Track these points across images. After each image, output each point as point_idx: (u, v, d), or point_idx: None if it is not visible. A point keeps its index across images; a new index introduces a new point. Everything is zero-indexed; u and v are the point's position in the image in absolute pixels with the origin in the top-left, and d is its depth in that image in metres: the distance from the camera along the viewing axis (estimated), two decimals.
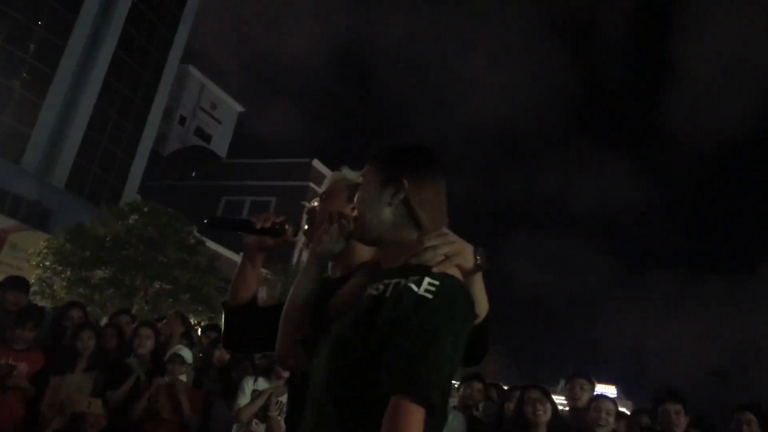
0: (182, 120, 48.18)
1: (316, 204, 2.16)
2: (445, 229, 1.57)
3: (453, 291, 1.44)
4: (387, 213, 1.62)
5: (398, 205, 1.61)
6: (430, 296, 1.40)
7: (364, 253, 1.90)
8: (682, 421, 4.37)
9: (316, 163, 39.12)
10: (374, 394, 1.36)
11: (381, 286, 1.50)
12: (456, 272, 1.51)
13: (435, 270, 1.45)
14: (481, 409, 5.09)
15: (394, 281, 1.48)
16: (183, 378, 4.69)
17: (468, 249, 1.57)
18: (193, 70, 48.09)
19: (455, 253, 1.51)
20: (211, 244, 22.96)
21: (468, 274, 1.56)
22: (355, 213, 1.67)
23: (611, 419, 4.19)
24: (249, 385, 4.65)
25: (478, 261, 1.58)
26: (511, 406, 4.55)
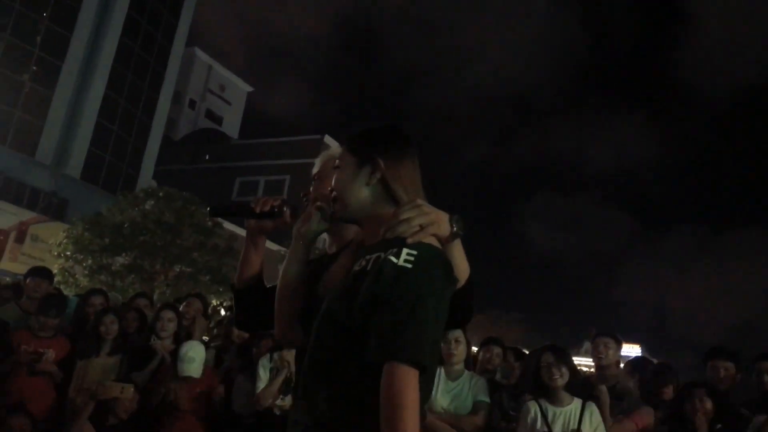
0: (192, 103, 48.25)
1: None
2: (420, 200, 1.62)
3: (431, 258, 1.50)
4: (365, 192, 1.69)
5: (376, 184, 1.68)
6: (409, 266, 1.47)
7: (356, 228, 1.96)
8: (731, 378, 4.43)
9: (328, 139, 39.08)
10: (363, 365, 1.43)
11: (363, 262, 1.57)
12: (433, 240, 1.57)
13: (411, 241, 1.51)
14: (499, 373, 5.14)
15: (374, 255, 1.55)
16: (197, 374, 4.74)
17: (443, 217, 1.61)
18: (200, 53, 48.02)
19: (430, 223, 1.56)
20: (229, 226, 23.08)
21: (445, 241, 1.61)
22: (334, 194, 1.74)
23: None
24: (265, 365, 4.73)
25: (454, 228, 1.63)
26: (529, 369, 4.60)
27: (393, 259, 1.48)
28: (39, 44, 28.66)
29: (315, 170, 2.15)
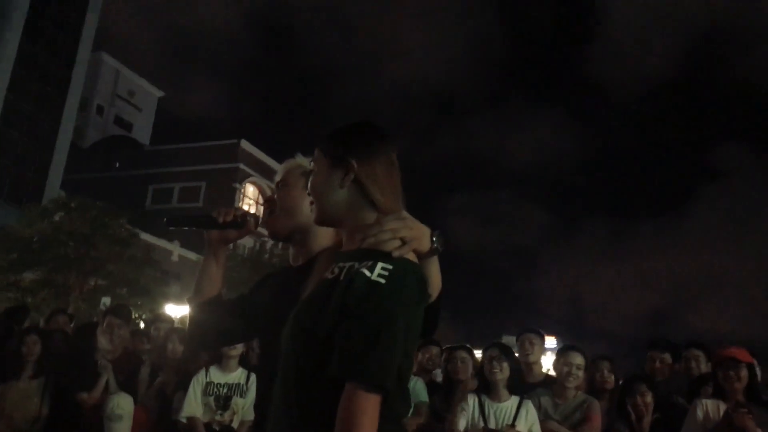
0: (100, 110, 46.57)
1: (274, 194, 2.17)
2: (405, 213, 1.57)
3: (405, 274, 1.45)
4: (340, 195, 1.62)
5: (350, 186, 1.61)
6: (382, 281, 1.41)
7: (325, 238, 1.91)
8: (668, 369, 4.56)
9: (244, 144, 38.44)
10: (327, 377, 1.38)
11: (336, 270, 1.51)
12: (412, 255, 1.52)
13: (394, 254, 1.46)
14: (439, 372, 5.20)
15: (348, 264, 1.49)
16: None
17: (426, 232, 1.58)
18: (107, 57, 46.41)
19: (413, 239, 1.52)
20: (145, 236, 22.42)
21: (424, 257, 1.57)
22: (311, 200, 1.67)
23: (581, 373, 4.29)
24: (200, 379, 4.60)
25: (435, 245, 1.59)
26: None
27: (366, 272, 1.43)
28: None
29: (278, 178, 2.09)
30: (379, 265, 1.44)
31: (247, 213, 2.03)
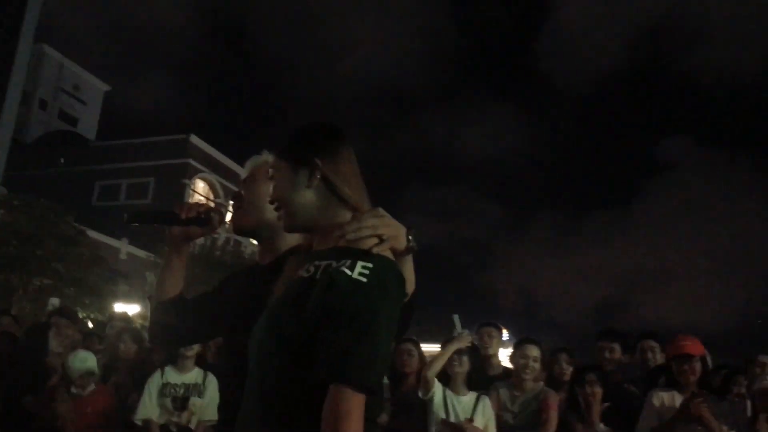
0: (43, 104, 45.16)
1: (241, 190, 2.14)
2: (381, 210, 1.57)
3: (386, 273, 1.45)
4: (309, 196, 1.60)
5: (318, 185, 1.60)
6: (364, 280, 1.41)
7: (292, 236, 1.88)
8: (617, 358, 4.65)
9: (194, 139, 37.76)
10: (309, 378, 1.37)
11: (312, 268, 1.49)
12: (389, 253, 1.52)
13: (373, 251, 1.45)
14: None
15: (324, 263, 1.47)
16: (92, 387, 4.48)
17: (402, 230, 1.58)
18: (50, 50, 45.03)
19: (391, 236, 1.52)
20: (92, 234, 21.87)
21: (400, 255, 1.57)
22: (277, 205, 1.65)
23: (537, 365, 4.35)
24: (156, 380, 4.52)
25: (411, 243, 1.59)
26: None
27: (347, 271, 1.41)
28: None
29: (245, 174, 2.06)
30: (359, 263, 1.42)
31: (211, 209, 1.98)
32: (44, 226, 18.99)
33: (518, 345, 4.49)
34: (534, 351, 4.35)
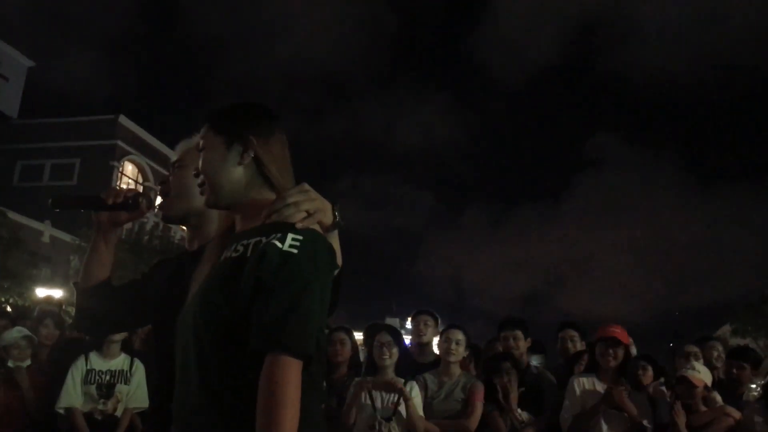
0: None
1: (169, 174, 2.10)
2: (307, 186, 1.57)
3: (316, 244, 1.46)
4: (238, 173, 1.60)
5: (249, 163, 1.60)
6: (295, 251, 1.42)
7: (220, 222, 1.87)
8: (522, 344, 4.76)
9: (123, 119, 36.58)
10: (247, 354, 1.36)
11: (240, 247, 1.49)
12: (317, 227, 1.53)
13: (299, 226, 1.46)
14: None
15: (253, 240, 1.48)
16: (28, 362, 4.36)
17: (328, 206, 1.59)
18: None
19: (317, 210, 1.53)
20: (13, 215, 21.00)
21: (327, 230, 1.59)
22: (202, 179, 1.64)
23: (461, 348, 4.44)
24: (80, 367, 4.40)
25: (337, 218, 1.61)
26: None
27: (278, 243, 1.42)
28: None
29: (174, 158, 2.02)
30: (290, 235, 1.43)
31: (139, 194, 1.95)
32: None
33: (444, 330, 4.57)
34: (459, 335, 4.44)
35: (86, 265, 1.98)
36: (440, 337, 4.54)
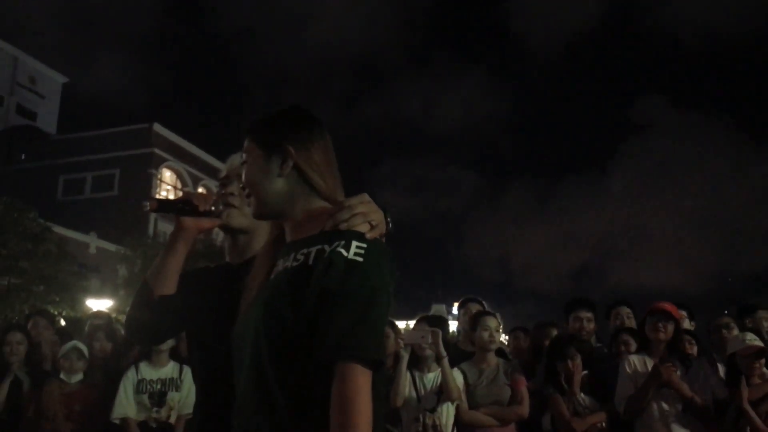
0: None
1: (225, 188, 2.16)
2: (367, 196, 1.57)
3: (380, 252, 1.46)
4: (280, 184, 1.59)
5: (290, 173, 1.59)
6: (360, 259, 1.41)
7: (265, 236, 1.89)
8: (592, 326, 4.69)
9: (158, 127, 37.14)
10: (315, 364, 1.36)
11: (300, 256, 1.48)
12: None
13: (368, 236, 1.46)
14: None
15: (314, 249, 1.46)
16: (80, 375, 4.45)
17: (382, 215, 1.58)
18: (2, 44, 43.88)
19: (380, 222, 1.52)
20: (59, 229, 21.49)
21: (381, 238, 1.57)
22: (247, 192, 1.63)
23: (497, 336, 4.40)
24: (130, 377, 4.47)
25: (390, 225, 1.60)
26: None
27: (343, 251, 1.41)
28: None
29: (223, 174, 2.08)
30: (354, 243, 1.43)
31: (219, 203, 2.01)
32: (7, 224, 18.60)
33: (479, 317, 4.50)
34: (493, 322, 4.41)
35: (164, 272, 1.94)
36: (477, 325, 4.46)
